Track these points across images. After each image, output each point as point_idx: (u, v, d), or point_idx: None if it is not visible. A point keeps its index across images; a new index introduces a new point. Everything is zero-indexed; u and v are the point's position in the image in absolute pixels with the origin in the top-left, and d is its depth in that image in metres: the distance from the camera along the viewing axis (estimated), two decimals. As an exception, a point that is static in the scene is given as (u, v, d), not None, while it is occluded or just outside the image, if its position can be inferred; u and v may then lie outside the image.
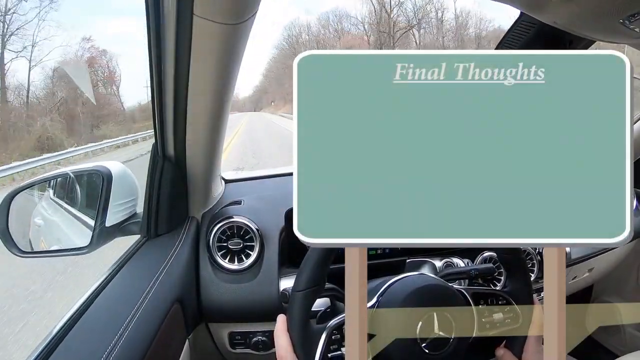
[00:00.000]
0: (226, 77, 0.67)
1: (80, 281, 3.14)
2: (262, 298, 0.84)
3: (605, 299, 1.43)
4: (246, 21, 0.57)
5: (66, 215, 0.93)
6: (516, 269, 0.66)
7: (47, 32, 29.66)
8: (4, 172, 8.63)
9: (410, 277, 0.63)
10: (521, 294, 0.65)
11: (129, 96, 55.59)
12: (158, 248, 0.82)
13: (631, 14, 0.53)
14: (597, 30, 0.63)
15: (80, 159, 11.26)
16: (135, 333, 0.60)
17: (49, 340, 0.57)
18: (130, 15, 66.52)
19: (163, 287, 0.72)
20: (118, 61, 34.38)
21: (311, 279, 0.56)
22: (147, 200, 0.82)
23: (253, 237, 0.88)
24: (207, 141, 0.79)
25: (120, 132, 19.72)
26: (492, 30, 34.18)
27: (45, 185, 0.98)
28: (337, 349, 0.55)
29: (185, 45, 0.60)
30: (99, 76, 28.76)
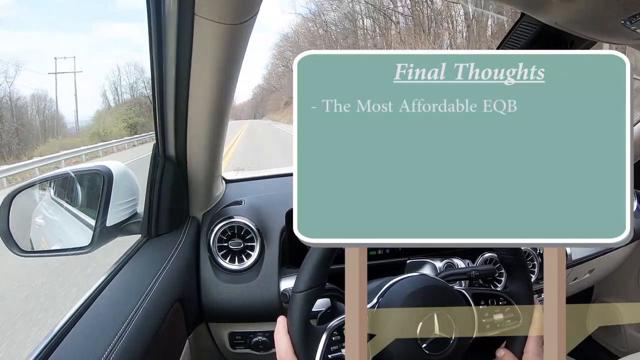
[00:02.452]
0: (227, 77, 0.67)
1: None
2: (262, 298, 0.84)
3: (606, 300, 1.43)
4: (247, 21, 0.57)
5: (67, 215, 0.93)
6: (516, 270, 0.66)
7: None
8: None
9: (410, 278, 0.62)
10: (521, 295, 0.65)
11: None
12: (159, 248, 0.82)
13: (632, 14, 0.53)
14: (598, 30, 0.63)
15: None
16: (136, 333, 0.60)
17: (50, 339, 0.57)
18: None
19: (163, 287, 0.72)
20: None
21: (311, 280, 0.56)
22: (148, 200, 0.82)
23: (254, 237, 0.88)
24: (208, 141, 0.79)
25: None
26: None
27: (46, 185, 0.98)
28: (338, 350, 0.55)
29: (186, 45, 0.60)
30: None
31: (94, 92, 60.66)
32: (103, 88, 42.34)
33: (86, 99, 48.64)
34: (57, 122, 33.12)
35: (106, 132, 26.68)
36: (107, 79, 44.15)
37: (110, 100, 38.70)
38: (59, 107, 34.22)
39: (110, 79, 39.89)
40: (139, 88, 37.68)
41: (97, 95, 51.25)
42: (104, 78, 54.10)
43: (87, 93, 63.33)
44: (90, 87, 68.71)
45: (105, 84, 43.97)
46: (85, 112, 47.45)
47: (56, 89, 33.84)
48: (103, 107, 38.33)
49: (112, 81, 39.37)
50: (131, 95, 37.83)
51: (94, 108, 40.22)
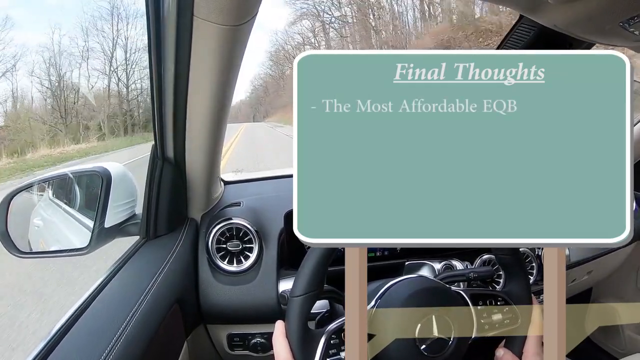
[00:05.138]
0: (226, 79, 0.67)
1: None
2: (260, 300, 0.84)
3: (604, 301, 1.43)
4: (246, 23, 0.57)
5: (65, 216, 0.93)
6: (514, 270, 0.66)
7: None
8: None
9: (409, 280, 0.62)
10: (520, 295, 0.65)
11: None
12: (157, 249, 0.82)
13: (631, 16, 0.54)
14: (596, 32, 0.64)
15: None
16: (134, 334, 0.60)
17: (48, 340, 0.57)
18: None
19: (162, 288, 0.71)
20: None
21: (308, 284, 0.56)
22: (147, 202, 0.82)
23: (252, 238, 0.88)
24: (207, 142, 0.79)
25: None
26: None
27: (44, 186, 0.97)
28: (336, 354, 0.55)
29: (185, 46, 0.60)
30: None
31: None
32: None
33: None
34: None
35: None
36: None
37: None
38: None
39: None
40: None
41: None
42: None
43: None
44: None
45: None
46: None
47: None
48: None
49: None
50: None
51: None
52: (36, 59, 33.97)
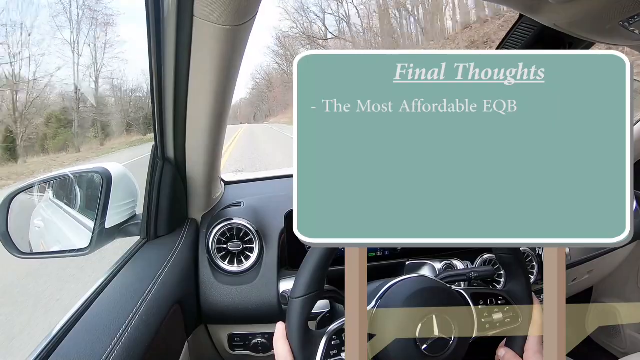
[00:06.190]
0: (226, 79, 0.67)
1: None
2: (261, 300, 0.84)
3: (605, 301, 1.43)
4: (246, 23, 0.57)
5: (66, 217, 0.93)
6: (515, 269, 0.66)
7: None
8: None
9: (409, 279, 0.62)
10: (520, 294, 0.65)
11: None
12: (158, 249, 0.82)
13: (631, 15, 0.54)
14: (596, 32, 0.64)
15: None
16: (135, 334, 0.60)
17: (49, 341, 0.57)
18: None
19: (162, 288, 0.71)
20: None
21: (309, 285, 0.56)
22: (147, 202, 0.82)
23: (252, 238, 0.88)
24: (207, 143, 0.79)
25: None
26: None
27: (44, 187, 0.97)
28: (337, 354, 0.55)
29: (185, 46, 0.60)
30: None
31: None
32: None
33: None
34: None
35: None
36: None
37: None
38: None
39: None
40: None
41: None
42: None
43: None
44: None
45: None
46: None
47: None
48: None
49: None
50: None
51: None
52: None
